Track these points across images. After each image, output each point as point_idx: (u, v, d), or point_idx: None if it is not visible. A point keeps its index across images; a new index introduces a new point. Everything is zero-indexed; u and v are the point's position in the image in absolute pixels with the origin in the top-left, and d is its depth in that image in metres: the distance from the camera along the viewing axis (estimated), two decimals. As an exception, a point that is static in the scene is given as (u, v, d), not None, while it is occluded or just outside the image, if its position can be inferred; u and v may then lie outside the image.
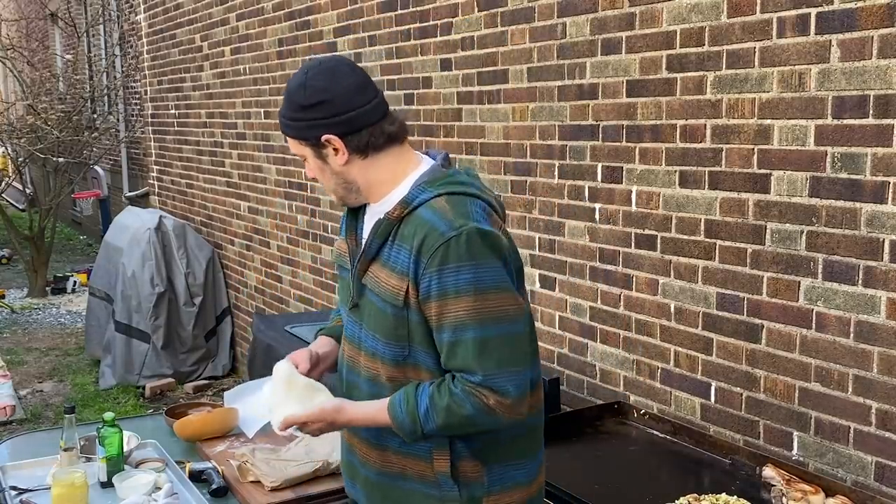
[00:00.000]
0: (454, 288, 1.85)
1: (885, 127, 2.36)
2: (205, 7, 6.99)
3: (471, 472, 1.99)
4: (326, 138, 1.95)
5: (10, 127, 10.43)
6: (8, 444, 3.23)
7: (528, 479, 2.05)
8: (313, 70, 1.97)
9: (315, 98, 1.93)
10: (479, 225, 1.87)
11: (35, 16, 13.39)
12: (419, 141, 4.36)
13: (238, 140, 6.62)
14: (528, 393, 1.92)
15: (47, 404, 6.37)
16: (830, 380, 2.56)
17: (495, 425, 1.92)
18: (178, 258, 6.93)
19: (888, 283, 2.39)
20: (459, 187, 1.95)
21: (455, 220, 1.86)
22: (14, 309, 9.12)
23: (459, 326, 1.86)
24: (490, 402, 1.86)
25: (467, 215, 1.88)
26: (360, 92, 1.94)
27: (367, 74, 2.01)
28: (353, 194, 2.05)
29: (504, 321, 1.87)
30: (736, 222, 2.80)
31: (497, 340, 1.86)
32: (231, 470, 2.79)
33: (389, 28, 4.53)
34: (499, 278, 1.88)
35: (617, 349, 3.31)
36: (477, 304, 1.85)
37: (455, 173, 2.00)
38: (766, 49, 2.65)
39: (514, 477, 2.03)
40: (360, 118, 1.94)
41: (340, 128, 1.93)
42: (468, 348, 1.86)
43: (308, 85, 1.94)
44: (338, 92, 1.93)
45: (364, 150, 1.96)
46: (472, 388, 1.87)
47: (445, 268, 1.85)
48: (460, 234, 1.84)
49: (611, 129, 3.24)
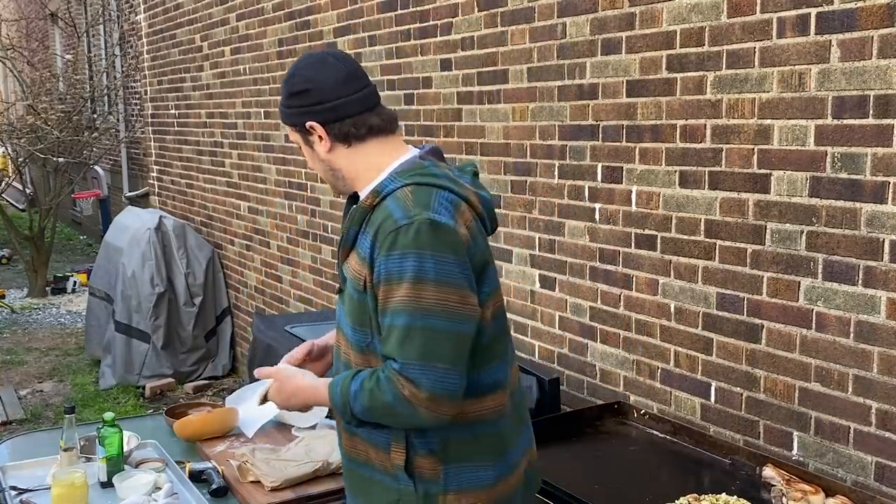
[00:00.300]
0: (397, 274, 1.87)
1: (885, 127, 2.36)
2: (205, 7, 6.99)
3: (427, 468, 1.99)
4: (310, 125, 2.02)
5: (10, 127, 10.44)
6: (8, 444, 3.22)
7: (492, 482, 2.02)
8: (304, 60, 2.07)
9: (301, 86, 2.01)
10: (434, 216, 1.88)
11: (35, 16, 13.39)
12: (419, 141, 4.36)
13: (238, 140, 6.62)
14: (453, 395, 1.88)
15: (47, 404, 6.37)
16: (830, 380, 2.56)
17: (416, 419, 1.90)
18: (178, 258, 6.93)
19: (888, 283, 2.39)
20: (428, 178, 1.96)
21: (412, 209, 1.89)
22: (14, 309, 9.13)
23: (395, 312, 1.88)
24: (405, 392, 1.86)
25: (426, 206, 1.89)
26: (345, 83, 2.00)
27: (360, 68, 2.06)
28: (341, 181, 2.11)
29: (438, 315, 1.86)
30: (736, 222, 2.80)
31: (424, 332, 1.85)
32: (231, 470, 2.79)
33: (389, 28, 4.53)
34: (443, 272, 1.86)
35: (617, 349, 3.31)
36: (413, 292, 1.85)
37: (430, 165, 2.02)
38: (766, 49, 2.65)
39: (474, 478, 2.00)
40: (342, 108, 2.00)
41: (322, 115, 2.00)
42: (396, 335, 1.88)
43: (297, 74, 2.04)
44: (322, 81, 2.00)
45: (346, 139, 2.02)
46: (392, 374, 1.88)
47: (392, 254, 1.87)
48: (412, 223, 1.87)
49: (611, 129, 3.24)
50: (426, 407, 1.87)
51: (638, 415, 3.07)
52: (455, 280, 1.87)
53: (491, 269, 2.02)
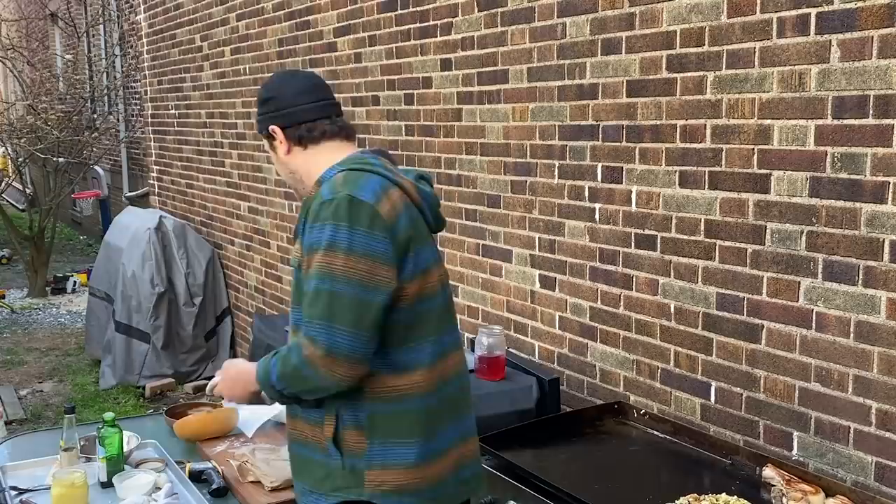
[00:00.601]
0: (316, 243, 2.02)
1: (885, 127, 2.36)
2: (205, 7, 6.99)
3: (353, 443, 2.09)
4: (272, 128, 2.23)
5: (10, 127, 10.43)
6: (8, 444, 3.23)
7: (414, 461, 2.09)
8: (275, 75, 2.35)
9: (266, 95, 2.26)
10: (354, 193, 2.03)
11: (35, 16, 13.39)
12: (419, 141, 4.37)
13: (238, 140, 6.62)
14: (349, 356, 1.98)
15: (47, 404, 6.37)
16: (830, 380, 2.56)
17: (317, 380, 2.01)
18: (178, 258, 6.92)
19: (888, 283, 2.39)
20: (362, 165, 2.13)
21: (338, 189, 2.05)
22: (14, 309, 9.13)
23: (309, 278, 2.03)
24: (306, 351, 1.99)
25: (352, 186, 2.05)
26: (304, 93, 2.23)
27: (324, 86, 2.29)
28: (300, 183, 2.27)
29: (344, 282, 1.98)
30: (736, 222, 2.80)
31: (330, 295, 1.98)
32: (231, 470, 2.79)
33: (389, 28, 4.53)
34: (356, 243, 1.99)
35: (617, 349, 3.31)
36: (325, 259, 2.00)
37: (369, 157, 2.17)
38: (766, 49, 2.65)
39: (397, 456, 2.08)
40: (299, 114, 2.21)
41: (281, 120, 2.22)
42: (307, 298, 2.02)
43: (266, 86, 2.29)
44: (284, 91, 2.24)
45: (301, 142, 2.22)
46: (299, 337, 2.03)
47: (314, 226, 2.04)
48: (333, 199, 2.03)
49: (611, 129, 3.24)
50: (323, 366, 1.98)
51: (638, 415, 3.07)
52: (366, 251, 2.00)
53: (423, 251, 2.12)
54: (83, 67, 11.57)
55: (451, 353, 2.21)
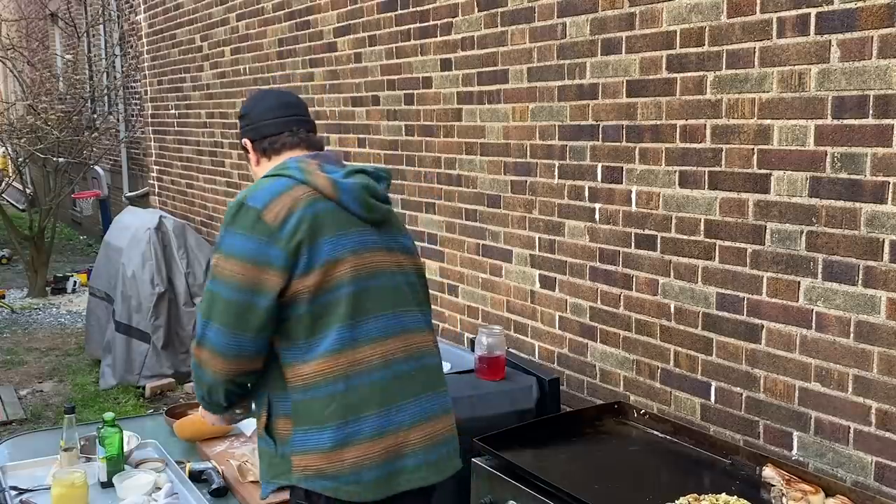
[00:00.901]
0: (215, 246, 2.23)
1: (885, 127, 2.36)
2: (205, 7, 6.99)
3: (282, 430, 2.20)
4: (244, 141, 2.46)
5: (10, 127, 10.43)
6: (8, 444, 3.23)
7: (330, 447, 2.15)
8: (250, 94, 2.58)
9: (242, 112, 2.49)
10: (247, 200, 2.18)
11: (35, 16, 13.38)
12: (419, 141, 4.37)
13: (238, 140, 6.62)
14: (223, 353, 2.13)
15: (47, 404, 6.36)
16: (830, 380, 2.56)
17: (204, 377, 2.20)
18: (179, 258, 6.92)
19: (888, 283, 2.39)
20: (278, 170, 2.27)
21: (242, 195, 2.22)
22: (14, 309, 9.12)
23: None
24: (193, 347, 2.21)
25: (251, 191, 2.20)
26: (272, 109, 2.43)
27: (297, 103, 2.47)
28: None
29: (221, 283, 2.14)
30: (736, 222, 2.80)
31: (211, 295, 2.16)
32: (231, 470, 2.79)
33: (389, 28, 4.53)
34: (234, 246, 2.15)
35: (617, 349, 3.31)
36: (214, 261, 2.19)
37: (293, 159, 2.31)
38: (766, 49, 2.65)
39: (313, 441, 2.16)
40: (264, 128, 2.41)
41: (251, 133, 2.44)
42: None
43: (243, 104, 2.52)
44: (255, 108, 2.46)
45: (266, 153, 2.41)
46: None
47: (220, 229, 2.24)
48: (233, 204, 2.21)
49: (611, 129, 3.24)
50: (201, 360, 2.18)
51: (638, 415, 3.07)
52: (242, 254, 2.13)
53: (330, 242, 2.17)
54: (83, 67, 11.57)
55: (388, 337, 2.23)
